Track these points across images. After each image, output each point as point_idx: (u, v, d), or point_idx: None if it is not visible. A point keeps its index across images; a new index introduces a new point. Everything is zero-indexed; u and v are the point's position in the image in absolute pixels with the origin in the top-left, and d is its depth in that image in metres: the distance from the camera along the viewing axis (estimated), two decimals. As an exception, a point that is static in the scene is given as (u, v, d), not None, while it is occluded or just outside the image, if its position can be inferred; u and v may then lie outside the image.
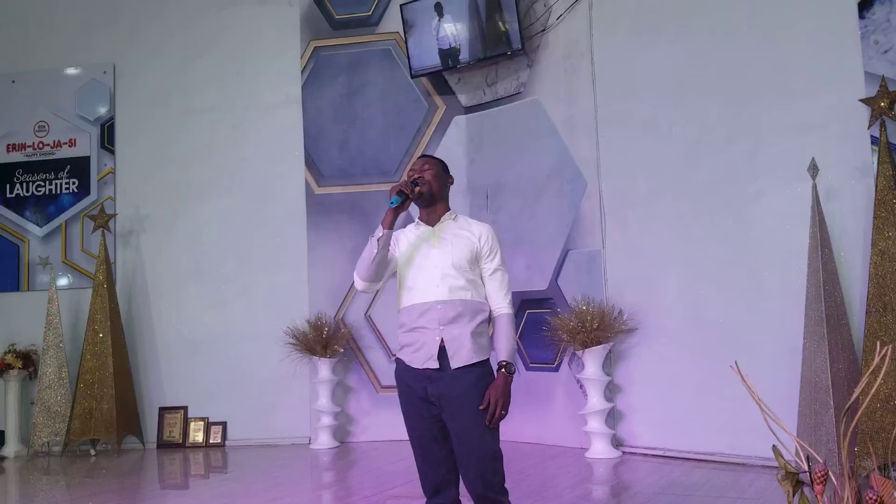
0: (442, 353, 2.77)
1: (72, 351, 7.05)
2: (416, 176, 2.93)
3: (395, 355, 2.97)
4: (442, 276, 2.82)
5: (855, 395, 1.50)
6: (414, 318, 2.83)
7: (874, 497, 1.36)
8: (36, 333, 7.01)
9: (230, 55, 7.34)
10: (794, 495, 1.52)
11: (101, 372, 6.76)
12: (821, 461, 1.50)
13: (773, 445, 1.62)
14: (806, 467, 1.56)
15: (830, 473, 1.49)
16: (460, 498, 2.92)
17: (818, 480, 1.44)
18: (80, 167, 7.50)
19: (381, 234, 2.80)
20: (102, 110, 7.53)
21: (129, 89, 7.52)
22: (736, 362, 1.72)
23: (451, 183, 3.07)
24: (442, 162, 3.07)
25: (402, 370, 2.88)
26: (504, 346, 2.85)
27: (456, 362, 2.77)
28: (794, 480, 1.52)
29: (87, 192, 7.46)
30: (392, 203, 2.81)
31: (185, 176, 7.31)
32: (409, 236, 2.97)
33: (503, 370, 2.80)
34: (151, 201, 7.34)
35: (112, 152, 7.48)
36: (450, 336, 2.78)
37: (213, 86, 7.36)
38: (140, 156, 7.44)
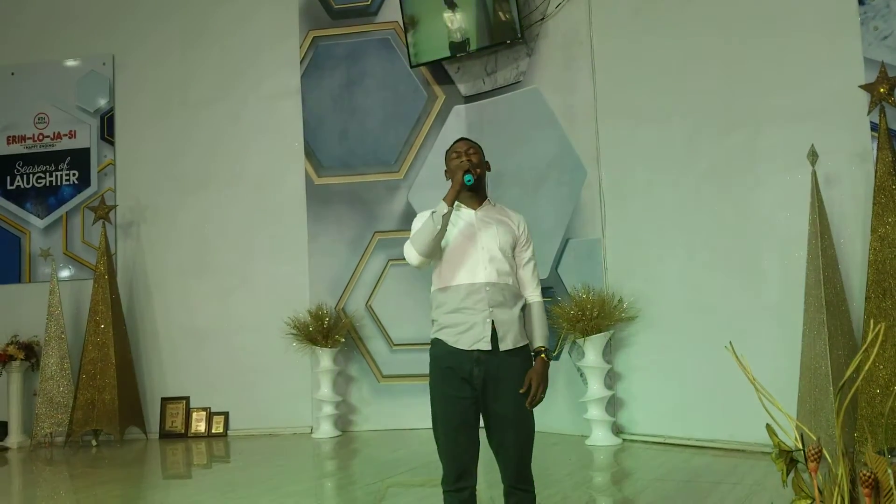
0: (493, 336, 2.79)
1: (73, 342, 7.07)
2: (465, 158, 2.93)
3: (432, 336, 2.91)
4: (490, 259, 2.84)
5: (849, 373, 1.51)
6: (460, 299, 2.81)
7: (869, 475, 1.38)
8: (38, 325, 7.03)
9: (229, 46, 7.34)
10: (788, 474, 1.53)
11: (102, 363, 6.79)
12: (815, 439, 1.51)
13: (767, 424, 1.63)
14: (801, 446, 1.57)
15: (825, 452, 1.50)
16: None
17: (812, 458, 1.46)
18: (80, 159, 7.51)
19: (445, 211, 2.80)
20: (102, 102, 7.53)
21: (128, 81, 7.52)
22: (731, 343, 1.73)
23: (489, 169, 3.07)
24: (481, 147, 3.08)
25: (444, 351, 2.83)
26: (540, 332, 2.89)
27: (505, 345, 2.80)
28: (788, 459, 1.53)
29: (88, 184, 7.47)
30: (469, 181, 2.83)
31: (185, 167, 7.32)
32: (453, 219, 2.92)
33: (542, 355, 2.84)
34: (152, 192, 7.35)
35: (112, 144, 7.48)
36: (499, 319, 2.80)
37: (213, 77, 7.36)
38: (140, 147, 7.44)
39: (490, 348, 2.78)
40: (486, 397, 2.80)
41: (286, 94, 7.20)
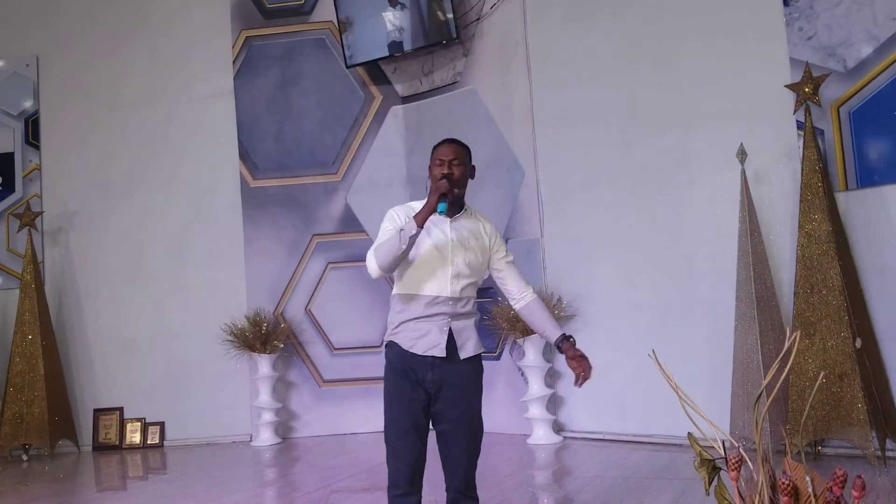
0: (450, 344, 2.83)
1: None
2: (445, 170, 2.86)
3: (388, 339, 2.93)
4: (457, 275, 2.86)
5: (766, 381, 1.53)
6: (422, 308, 2.84)
7: (787, 482, 1.39)
8: (-39, 337, 6.75)
9: (158, 46, 7.13)
10: (710, 482, 1.55)
11: (30, 375, 6.54)
12: (737, 446, 1.53)
13: (689, 433, 1.65)
14: (737, 451, 1.58)
15: (746, 458, 1.52)
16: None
17: (733, 467, 1.47)
18: (3, 164, 7.21)
19: (413, 233, 2.77)
20: (26, 104, 7.25)
21: (54, 82, 7.25)
22: (654, 351, 1.74)
23: (473, 175, 2.99)
24: (469, 150, 2.99)
25: (399, 354, 2.86)
26: (554, 324, 2.95)
27: (464, 353, 2.86)
28: (711, 467, 1.55)
29: (12, 190, 7.19)
30: (441, 211, 2.78)
31: (114, 171, 7.09)
32: (427, 226, 2.87)
33: (570, 340, 2.90)
34: (80, 198, 7.11)
35: (37, 148, 7.22)
36: (457, 328, 2.85)
37: (142, 77, 7.14)
38: (67, 151, 7.18)
39: (445, 355, 2.82)
40: (438, 403, 2.84)
41: (219, 96, 7.03)
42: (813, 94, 4.74)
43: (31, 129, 7.23)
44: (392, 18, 6.53)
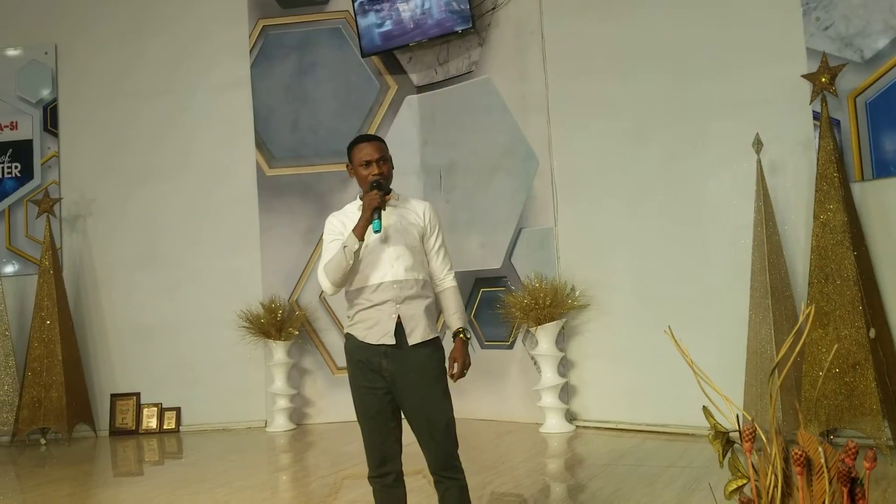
0: (398, 330, 2.86)
1: (18, 339, 6.88)
2: (376, 171, 2.92)
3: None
4: (397, 257, 2.89)
5: (781, 353, 1.55)
6: (370, 296, 2.90)
7: (800, 453, 1.41)
8: (-19, 322, 6.84)
9: (176, 35, 7.19)
10: (724, 455, 1.57)
11: (49, 360, 6.63)
12: (750, 419, 1.55)
13: (703, 406, 1.67)
14: (751, 423, 1.60)
15: (759, 431, 1.54)
16: (403, 470, 2.99)
17: (747, 438, 1.49)
18: (22, 151, 7.30)
19: (357, 247, 2.84)
20: (45, 92, 7.33)
21: (72, 70, 7.32)
22: (669, 327, 1.76)
23: (392, 167, 3.06)
24: (385, 143, 3.06)
25: (355, 345, 2.94)
26: (456, 314, 3.01)
27: (413, 339, 2.87)
28: (725, 439, 1.57)
29: (31, 177, 7.27)
30: (377, 229, 2.82)
31: (132, 159, 7.16)
32: (355, 219, 2.94)
33: (461, 336, 2.95)
34: (98, 185, 7.18)
35: (56, 135, 7.29)
36: (406, 314, 2.87)
37: (160, 66, 7.20)
38: (85, 138, 7.26)
39: (395, 342, 2.86)
40: (396, 390, 2.89)
41: (235, 84, 7.08)
42: (829, 85, 4.72)
43: (50, 117, 7.31)
44: (411, 8, 6.55)
